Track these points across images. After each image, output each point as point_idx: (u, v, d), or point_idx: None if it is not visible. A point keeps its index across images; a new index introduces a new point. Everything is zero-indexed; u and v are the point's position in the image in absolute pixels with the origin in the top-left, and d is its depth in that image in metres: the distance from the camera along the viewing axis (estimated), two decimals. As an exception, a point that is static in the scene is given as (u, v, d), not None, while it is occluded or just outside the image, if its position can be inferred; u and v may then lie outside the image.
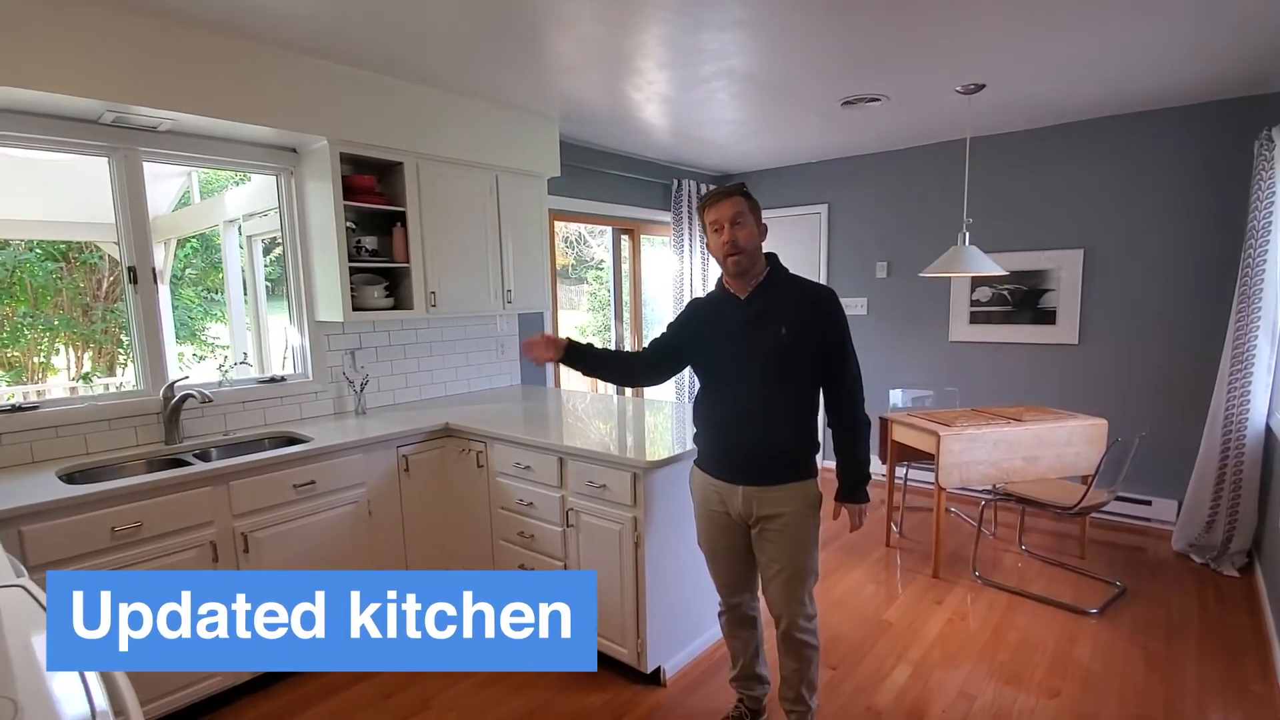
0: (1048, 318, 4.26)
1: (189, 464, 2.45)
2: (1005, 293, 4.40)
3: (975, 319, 4.54)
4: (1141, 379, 4.00)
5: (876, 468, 5.19)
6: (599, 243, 8.99)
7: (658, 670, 2.54)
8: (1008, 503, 3.73)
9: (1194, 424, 3.74)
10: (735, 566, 2.13)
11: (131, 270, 2.68)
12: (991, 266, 3.34)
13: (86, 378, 4.27)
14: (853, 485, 2.07)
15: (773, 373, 1.94)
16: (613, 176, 4.76)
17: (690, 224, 5.26)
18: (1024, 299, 4.34)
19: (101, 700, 0.99)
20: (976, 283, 4.51)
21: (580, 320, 10.49)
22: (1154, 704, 2.38)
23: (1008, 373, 4.47)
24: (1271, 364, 3.26)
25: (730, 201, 1.94)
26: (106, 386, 4.36)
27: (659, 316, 5.70)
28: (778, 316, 1.95)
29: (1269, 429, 3.27)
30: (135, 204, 2.65)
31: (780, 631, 2.05)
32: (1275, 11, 2.46)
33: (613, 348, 2.18)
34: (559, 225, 4.75)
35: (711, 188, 5.44)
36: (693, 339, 2.11)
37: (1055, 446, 3.40)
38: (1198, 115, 3.69)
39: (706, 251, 5.38)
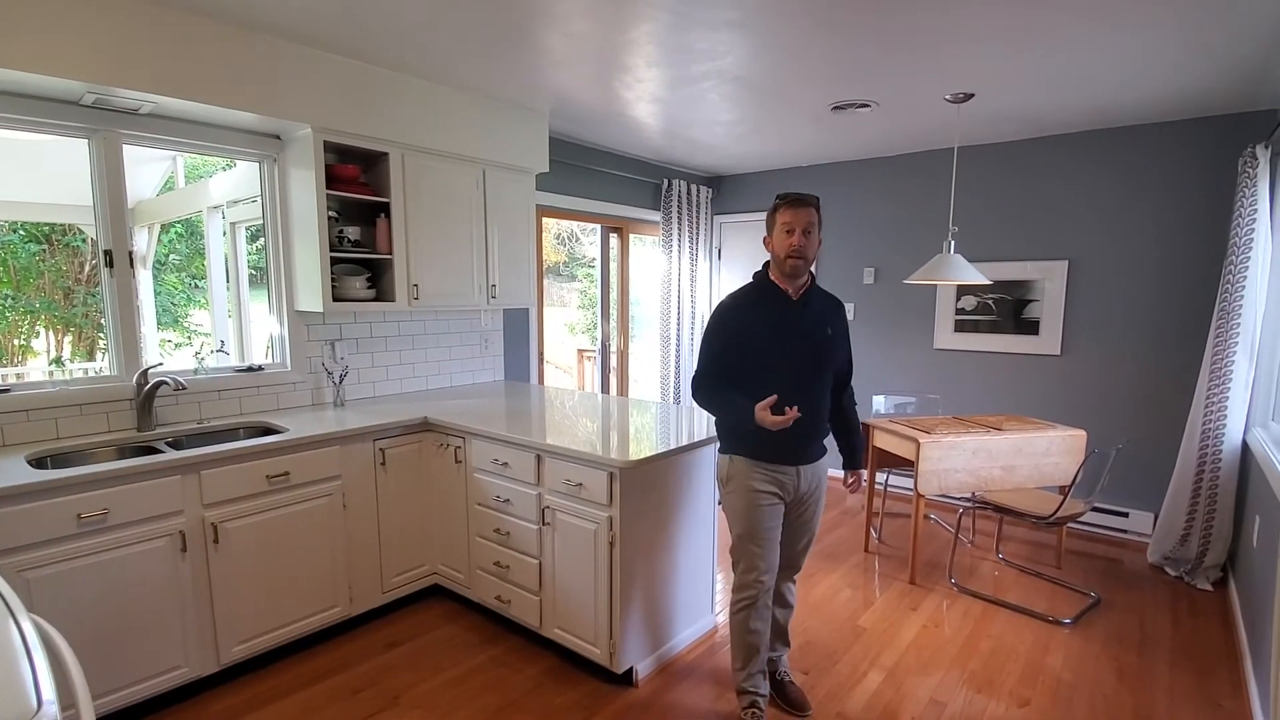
0: (1031, 328, 4.28)
1: (161, 452, 2.42)
2: (990, 302, 4.42)
3: (960, 327, 4.56)
4: (1121, 392, 4.03)
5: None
6: (590, 240, 8.97)
7: (630, 671, 2.53)
8: (986, 511, 3.75)
9: (1171, 438, 3.77)
10: (779, 547, 2.31)
11: (108, 253, 2.64)
12: (976, 275, 3.35)
13: (59, 361, 4.21)
14: (860, 455, 2.52)
15: (822, 364, 2.24)
16: (603, 174, 4.75)
17: (680, 223, 5.26)
18: (1008, 309, 4.36)
19: (49, 692, 0.96)
20: (962, 291, 4.53)
21: (570, 318, 10.48)
22: (1123, 716, 2.39)
23: (990, 382, 4.49)
24: (1249, 380, 3.28)
25: (807, 211, 2.15)
26: (86, 371, 4.30)
27: (646, 316, 5.69)
28: (824, 318, 2.26)
29: (1245, 445, 3.30)
30: (113, 187, 2.61)
31: (789, 585, 2.45)
32: (1258, 31, 2.48)
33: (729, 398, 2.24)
34: (549, 222, 4.73)
35: (698, 186, 5.43)
36: (753, 339, 2.19)
37: (1034, 456, 3.41)
38: (1184, 131, 3.72)
39: (695, 250, 5.38)
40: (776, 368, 2.17)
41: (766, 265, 2.28)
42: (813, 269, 2.26)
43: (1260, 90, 3.19)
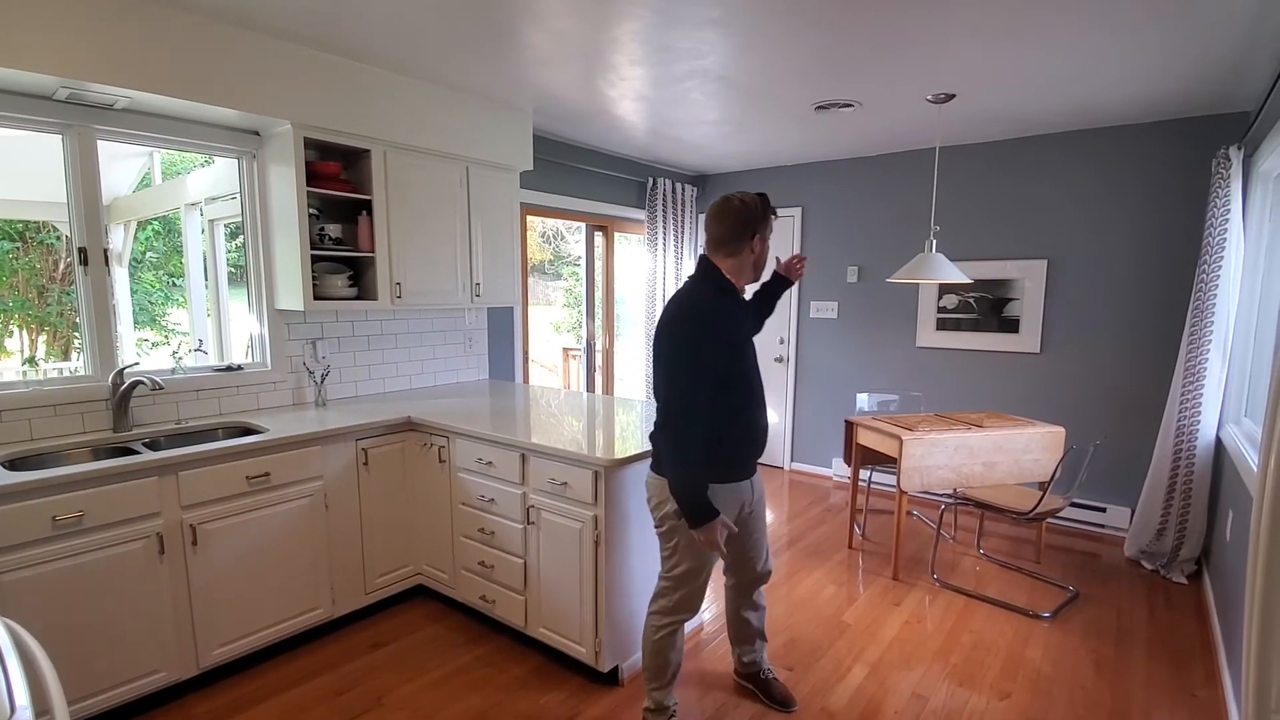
0: (1011, 326, 4.34)
1: (137, 453, 2.38)
2: (971, 300, 4.47)
3: (942, 325, 4.61)
4: (1099, 389, 4.09)
5: (841, 471, 5.25)
6: (576, 239, 8.95)
7: (615, 669, 2.53)
8: (967, 507, 3.80)
9: (1147, 434, 3.84)
10: (741, 560, 2.32)
11: (82, 251, 2.60)
12: (957, 274, 3.38)
13: (32, 361, 4.13)
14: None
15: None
16: (587, 172, 4.74)
17: (665, 222, 5.26)
18: (989, 307, 4.41)
19: (23, 697, 0.94)
20: (944, 290, 4.58)
21: (556, 316, 10.45)
22: (1101, 707, 2.43)
23: (972, 379, 4.54)
24: (1222, 378, 3.35)
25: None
26: (60, 371, 4.22)
27: (631, 315, 5.69)
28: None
29: (1219, 441, 3.36)
30: (88, 183, 2.57)
31: (758, 586, 2.40)
32: (1232, 32, 2.52)
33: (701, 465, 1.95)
34: (534, 220, 4.71)
35: (683, 185, 5.44)
36: (738, 345, 2.01)
37: (1014, 453, 3.46)
38: (1160, 132, 3.78)
39: (680, 250, 5.38)
40: (751, 377, 2.05)
41: (707, 259, 2.06)
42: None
43: (1233, 92, 3.25)
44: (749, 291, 2.22)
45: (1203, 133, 3.65)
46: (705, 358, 1.91)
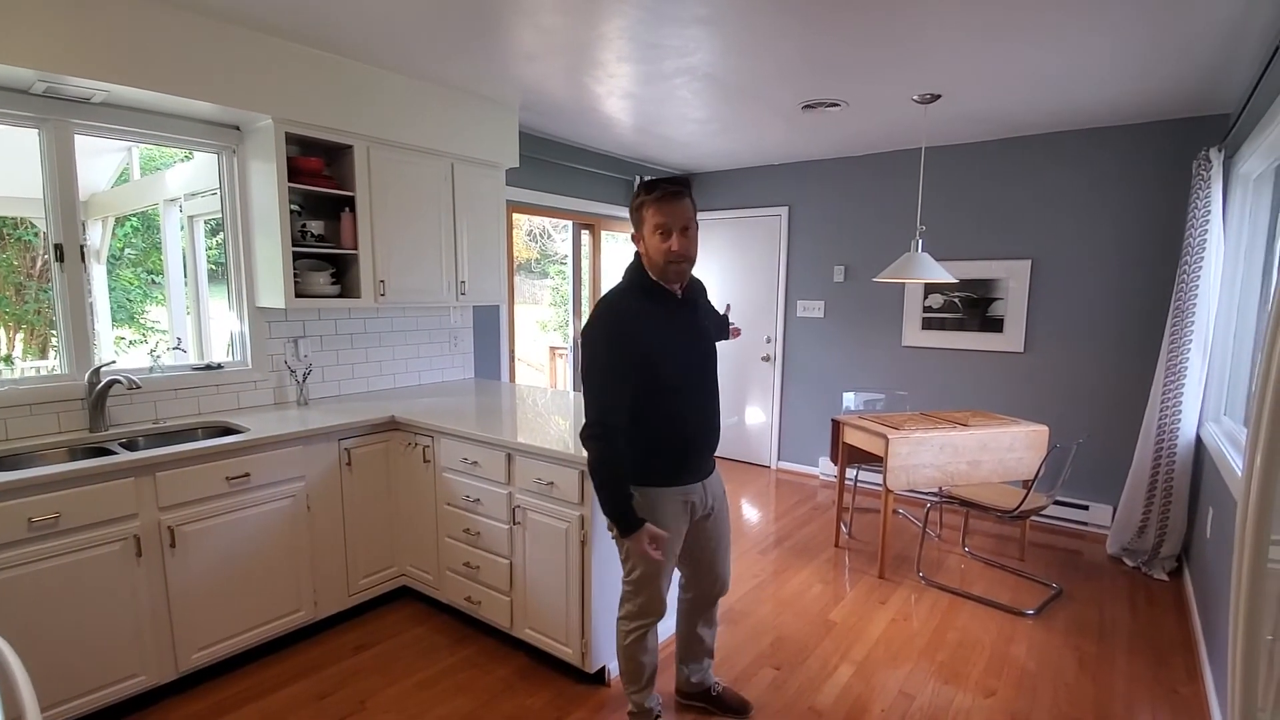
0: (996, 326, 4.37)
1: (114, 453, 2.33)
2: (956, 300, 4.50)
3: (927, 325, 4.63)
4: (1082, 388, 4.13)
5: (828, 470, 5.27)
6: (563, 237, 8.91)
7: (602, 670, 2.52)
8: (952, 505, 3.82)
9: (1129, 433, 3.88)
10: (698, 568, 2.23)
11: (58, 248, 2.55)
12: (942, 274, 3.39)
13: (8, 359, 4.05)
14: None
15: (711, 366, 2.07)
16: (574, 170, 4.72)
17: (652, 221, 5.24)
18: (974, 307, 4.44)
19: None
20: (929, 289, 4.60)
21: (543, 315, 10.41)
22: (1084, 704, 2.45)
23: (957, 378, 4.57)
24: (1203, 377, 3.39)
25: (682, 207, 1.84)
26: (37, 370, 4.14)
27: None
28: (700, 312, 2.08)
29: (1199, 439, 3.40)
30: (64, 178, 2.51)
31: (715, 603, 2.31)
32: (1213, 35, 2.55)
33: (621, 473, 1.87)
34: (520, 218, 4.68)
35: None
36: (657, 351, 1.88)
37: (998, 451, 3.48)
38: (1142, 133, 3.82)
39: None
40: (679, 382, 1.92)
41: (639, 257, 1.95)
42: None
43: (1214, 94, 3.29)
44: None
45: (1184, 135, 3.70)
46: (616, 367, 1.82)
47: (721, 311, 2.38)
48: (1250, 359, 3.05)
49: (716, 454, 2.16)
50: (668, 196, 1.84)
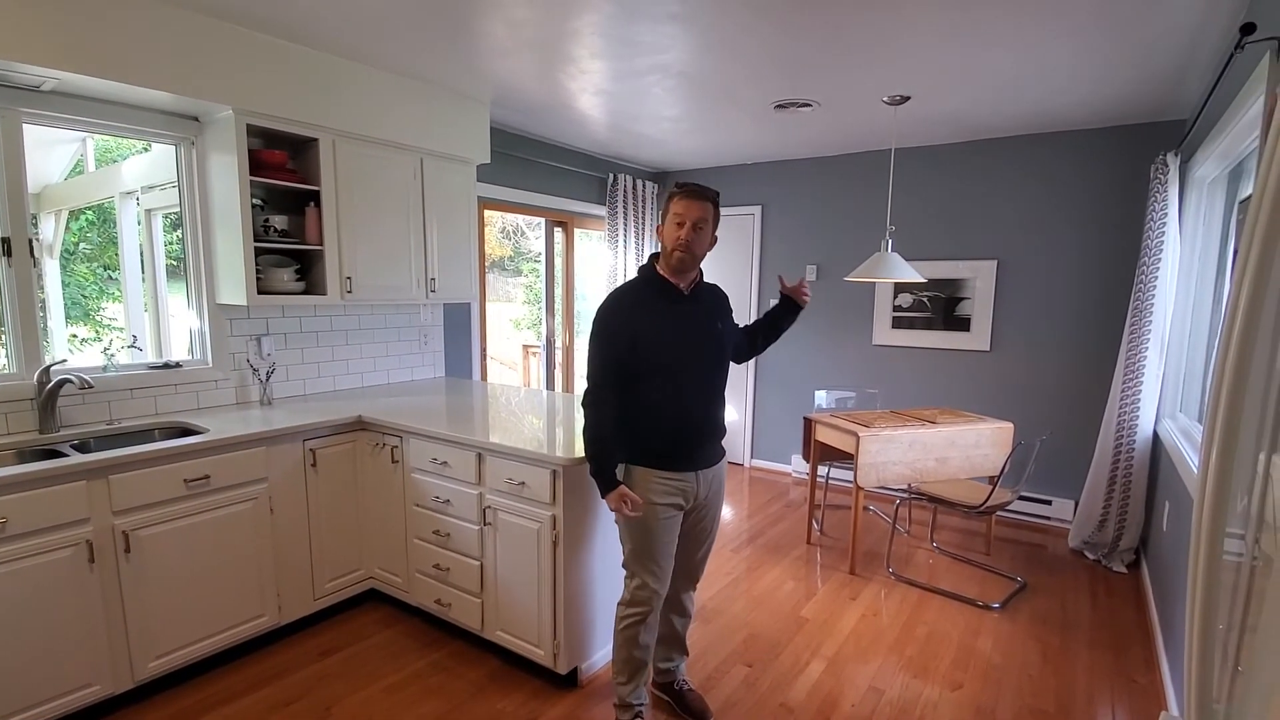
0: (963, 325, 4.44)
1: (65, 455, 2.24)
2: (925, 300, 4.56)
3: (897, 324, 4.69)
4: (1045, 385, 4.23)
5: (800, 468, 5.31)
6: (536, 235, 8.85)
7: (574, 671, 2.50)
8: (921, 501, 3.88)
9: (1090, 429, 3.98)
10: (675, 555, 2.23)
11: (5, 241, 2.44)
12: (911, 274, 3.44)
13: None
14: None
15: (717, 361, 2.17)
16: (547, 167, 4.68)
17: (625, 219, 5.23)
18: (942, 306, 4.51)
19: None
20: (899, 289, 4.66)
21: (516, 313, 10.32)
22: (1047, 695, 2.50)
23: (926, 377, 4.64)
24: (1160, 374, 3.49)
25: (701, 205, 2.05)
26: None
27: (592, 311, 5.64)
28: (713, 312, 2.19)
29: (1156, 435, 3.50)
30: (11, 169, 2.41)
31: (688, 594, 2.37)
32: (1171, 43, 2.62)
33: (610, 440, 2.09)
34: (493, 215, 4.63)
35: (644, 181, 5.41)
36: (644, 339, 2.05)
37: (965, 448, 3.54)
38: (1103, 138, 3.92)
39: (641, 246, 5.36)
40: (670, 369, 2.07)
41: (654, 258, 2.17)
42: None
43: (1172, 101, 3.38)
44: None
45: (1142, 140, 3.80)
46: (607, 344, 2.08)
47: (777, 285, 2.43)
48: (1205, 357, 3.14)
49: None
50: (692, 194, 2.07)
